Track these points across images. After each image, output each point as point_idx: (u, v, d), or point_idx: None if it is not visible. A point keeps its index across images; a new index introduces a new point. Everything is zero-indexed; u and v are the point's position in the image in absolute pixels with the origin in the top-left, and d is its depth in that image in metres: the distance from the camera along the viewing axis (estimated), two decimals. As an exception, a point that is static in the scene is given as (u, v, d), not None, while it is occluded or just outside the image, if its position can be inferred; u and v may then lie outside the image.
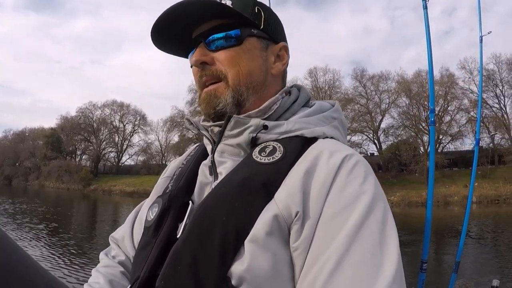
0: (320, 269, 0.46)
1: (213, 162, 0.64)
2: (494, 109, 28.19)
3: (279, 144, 0.59)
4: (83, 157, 44.74)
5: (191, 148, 0.80)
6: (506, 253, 8.59)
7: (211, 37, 0.64)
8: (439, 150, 27.40)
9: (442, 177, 22.81)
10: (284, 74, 0.71)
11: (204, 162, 0.68)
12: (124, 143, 43.65)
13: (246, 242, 0.50)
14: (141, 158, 42.26)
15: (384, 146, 30.88)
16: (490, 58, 27.36)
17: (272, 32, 0.68)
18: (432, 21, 1.72)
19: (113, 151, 44.17)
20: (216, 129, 0.65)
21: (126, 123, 43.72)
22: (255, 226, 0.50)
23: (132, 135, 43.74)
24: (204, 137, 0.70)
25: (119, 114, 43.48)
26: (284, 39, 0.71)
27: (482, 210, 17.64)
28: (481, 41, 2.16)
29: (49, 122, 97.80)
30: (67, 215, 16.43)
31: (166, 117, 40.37)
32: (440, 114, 27.42)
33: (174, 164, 0.80)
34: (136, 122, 43.48)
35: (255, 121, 0.61)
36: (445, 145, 28.74)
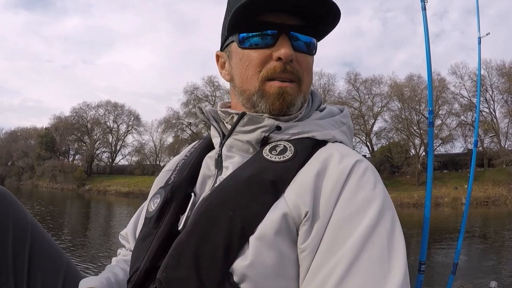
0: (331, 271, 0.46)
1: (220, 155, 0.63)
2: (484, 113, 28.68)
3: (290, 144, 0.59)
4: (76, 157, 44.18)
5: (195, 142, 0.80)
6: (503, 254, 8.65)
7: (301, 38, 0.60)
8: (430, 153, 27.64)
9: (433, 179, 23.16)
10: None
11: (210, 154, 0.66)
12: (118, 144, 43.21)
13: (252, 238, 0.49)
14: (135, 158, 41.88)
15: (376, 149, 31.15)
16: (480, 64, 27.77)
17: None
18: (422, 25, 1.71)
19: (106, 151, 43.68)
20: (234, 120, 0.64)
21: (120, 124, 43.31)
22: (263, 223, 0.50)
23: (126, 135, 43.31)
24: (212, 129, 0.69)
25: (113, 114, 42.99)
26: None
27: (472, 211, 17.90)
28: (479, 42, 2.13)
29: (40, 121, 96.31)
30: (64, 215, 16.10)
31: (160, 118, 40.17)
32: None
33: (176, 158, 0.79)
34: (130, 123, 43.04)
35: (269, 122, 0.60)
36: (436, 148, 29.14)
